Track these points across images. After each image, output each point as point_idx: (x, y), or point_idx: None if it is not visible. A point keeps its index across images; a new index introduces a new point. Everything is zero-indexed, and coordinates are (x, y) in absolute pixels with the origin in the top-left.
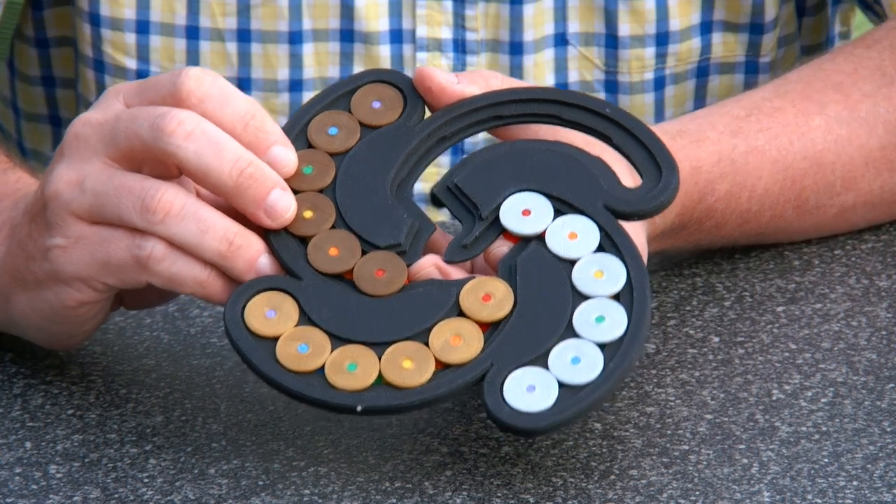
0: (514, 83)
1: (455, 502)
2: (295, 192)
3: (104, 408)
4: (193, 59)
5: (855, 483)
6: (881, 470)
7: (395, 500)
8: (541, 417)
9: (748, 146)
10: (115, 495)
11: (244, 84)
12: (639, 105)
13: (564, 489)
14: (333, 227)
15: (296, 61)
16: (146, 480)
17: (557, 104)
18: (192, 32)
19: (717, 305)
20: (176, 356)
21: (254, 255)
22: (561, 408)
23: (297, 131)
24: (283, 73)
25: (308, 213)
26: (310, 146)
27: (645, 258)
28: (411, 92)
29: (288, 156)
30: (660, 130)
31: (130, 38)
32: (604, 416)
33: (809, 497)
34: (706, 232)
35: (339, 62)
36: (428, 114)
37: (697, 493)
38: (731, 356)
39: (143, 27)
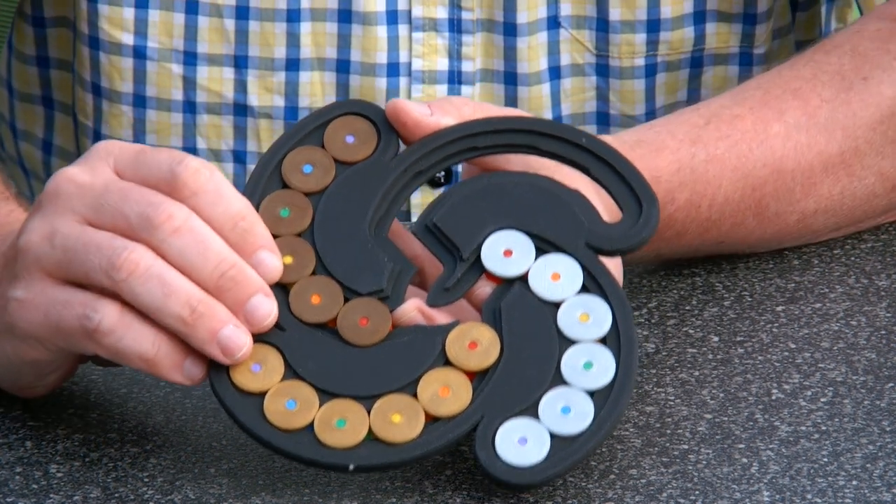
0: (486, 110)
1: (455, 502)
2: (273, 237)
3: (104, 407)
4: (191, 34)
5: (854, 482)
6: (881, 469)
7: (395, 500)
8: (535, 472)
9: (707, 154)
10: (116, 494)
11: (241, 62)
12: (629, 90)
13: (564, 489)
14: (314, 272)
15: (293, 40)
16: (146, 480)
17: (533, 134)
18: (191, 7)
19: (717, 305)
20: None
21: (216, 326)
22: (554, 461)
23: (271, 170)
24: (280, 52)
25: (288, 259)
26: (284, 185)
27: (620, 278)
28: (384, 123)
29: (273, 262)
30: (618, 141)
31: (128, 13)
32: None
33: (809, 496)
34: (666, 241)
35: (336, 44)
36: (402, 146)
37: (697, 492)
38: (730, 356)
39: (141, 2)
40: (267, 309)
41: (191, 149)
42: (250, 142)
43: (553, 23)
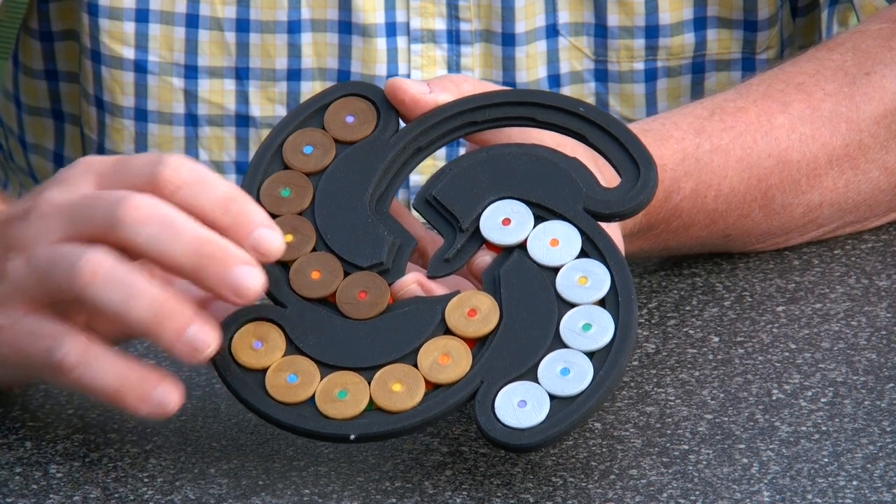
0: (486, 87)
1: (455, 502)
2: (274, 216)
3: (104, 407)
4: (192, 47)
5: (855, 483)
6: (881, 470)
7: (395, 500)
8: (534, 433)
9: (712, 145)
10: (116, 495)
11: (242, 73)
12: (629, 95)
13: (564, 489)
14: (314, 249)
15: (294, 51)
16: (146, 480)
17: (531, 106)
18: (192, 21)
19: (717, 305)
20: None
21: (181, 326)
22: (553, 422)
23: (272, 152)
24: (282, 63)
25: (288, 238)
26: (286, 167)
27: (620, 249)
28: (383, 103)
29: (273, 238)
30: None
31: (129, 27)
32: (604, 416)
33: (809, 497)
34: (673, 233)
35: (337, 54)
36: (402, 124)
37: (697, 492)
38: (730, 356)
39: (142, 16)
40: (252, 280)
41: None
42: (252, 153)
43: (552, 31)
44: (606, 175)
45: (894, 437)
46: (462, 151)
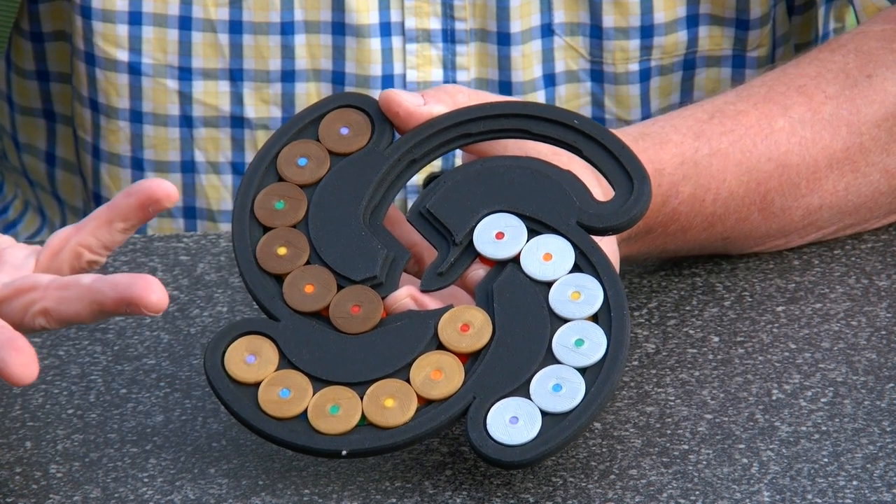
0: (482, 97)
1: (455, 502)
2: (268, 228)
3: (104, 408)
4: (185, 49)
5: (855, 483)
6: (881, 470)
7: (395, 500)
8: (525, 450)
9: (711, 149)
10: (116, 495)
11: (236, 75)
12: (624, 96)
13: (564, 489)
14: (308, 262)
15: (287, 52)
16: (146, 480)
17: (525, 118)
18: (185, 23)
19: (717, 305)
20: (176, 356)
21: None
22: (545, 438)
23: (267, 164)
24: (276, 64)
25: (282, 251)
26: (280, 179)
27: (617, 264)
28: (378, 114)
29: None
30: (621, 134)
31: (122, 30)
32: (604, 416)
33: (809, 497)
34: (671, 236)
35: (331, 55)
36: (396, 136)
37: (697, 492)
38: (730, 356)
39: (135, 18)
40: None
41: (189, 162)
42: (248, 153)
43: (547, 30)
44: (604, 183)
45: (894, 437)
46: (458, 162)
